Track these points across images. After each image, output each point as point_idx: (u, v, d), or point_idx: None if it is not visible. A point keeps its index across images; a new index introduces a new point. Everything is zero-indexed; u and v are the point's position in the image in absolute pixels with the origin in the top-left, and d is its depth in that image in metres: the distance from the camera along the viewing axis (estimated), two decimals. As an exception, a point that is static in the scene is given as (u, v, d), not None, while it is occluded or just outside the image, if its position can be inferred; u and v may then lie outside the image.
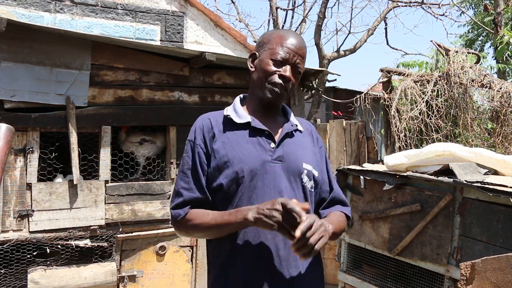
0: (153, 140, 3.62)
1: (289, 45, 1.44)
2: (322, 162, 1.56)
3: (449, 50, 4.25)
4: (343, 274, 3.15)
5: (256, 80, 1.49)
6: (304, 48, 1.48)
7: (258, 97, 1.48)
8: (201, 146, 1.43)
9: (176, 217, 1.41)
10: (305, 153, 1.49)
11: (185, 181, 1.42)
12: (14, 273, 3.07)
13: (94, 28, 4.21)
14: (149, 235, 3.46)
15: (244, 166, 1.37)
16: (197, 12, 4.68)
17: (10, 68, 2.99)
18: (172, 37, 4.54)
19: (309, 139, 1.56)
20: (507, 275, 1.34)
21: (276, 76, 1.44)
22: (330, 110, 8.83)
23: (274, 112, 1.53)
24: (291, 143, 1.47)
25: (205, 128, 1.45)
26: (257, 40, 1.58)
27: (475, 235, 2.33)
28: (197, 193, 1.40)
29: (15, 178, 3.03)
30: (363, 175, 3.02)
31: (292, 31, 1.51)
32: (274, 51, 1.44)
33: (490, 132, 4.22)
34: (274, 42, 1.46)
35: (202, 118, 1.49)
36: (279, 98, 1.46)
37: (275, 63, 1.44)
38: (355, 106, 4.87)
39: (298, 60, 1.45)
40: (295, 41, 1.45)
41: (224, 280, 1.39)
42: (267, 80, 1.45)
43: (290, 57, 1.44)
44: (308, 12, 9.05)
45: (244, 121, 1.45)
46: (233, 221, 1.31)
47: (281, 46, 1.44)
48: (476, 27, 10.88)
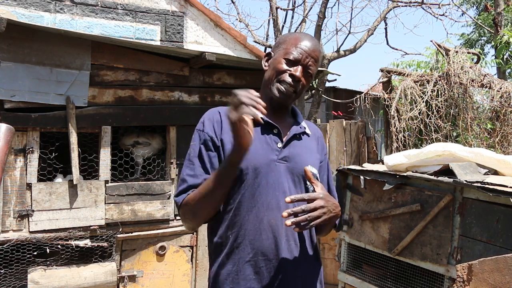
0: (148, 142, 3.60)
1: (303, 46, 1.45)
2: (324, 171, 1.57)
3: (449, 50, 4.25)
4: (343, 274, 3.15)
5: (267, 78, 1.51)
6: (318, 51, 1.49)
7: (268, 97, 1.49)
8: (209, 134, 1.44)
9: (179, 202, 1.41)
10: (311, 156, 1.50)
11: (190, 168, 1.43)
12: (14, 273, 3.07)
13: (94, 28, 4.21)
14: (149, 235, 3.46)
15: (249, 163, 1.37)
16: (197, 12, 4.68)
17: (10, 68, 2.99)
18: (172, 37, 4.54)
19: (315, 144, 1.57)
20: (505, 276, 1.34)
21: (287, 74, 1.45)
22: (330, 110, 8.84)
23: (284, 112, 1.54)
24: (298, 145, 1.48)
25: (215, 119, 1.47)
26: (276, 40, 1.61)
27: (475, 235, 2.33)
28: (202, 178, 1.40)
29: (15, 178, 3.03)
30: (363, 175, 3.02)
31: (309, 35, 1.52)
32: (288, 50, 1.46)
33: (490, 132, 4.21)
34: (289, 42, 1.48)
35: (212, 110, 1.52)
36: (287, 98, 1.47)
37: (288, 63, 1.45)
38: (355, 106, 4.87)
39: (310, 62, 1.46)
40: (310, 43, 1.47)
41: (223, 276, 1.39)
42: (277, 77, 1.46)
43: (302, 58, 1.45)
44: (308, 12, 9.05)
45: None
46: (222, 166, 1.32)
47: (295, 47, 1.46)
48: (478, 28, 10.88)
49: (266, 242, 1.36)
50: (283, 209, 1.39)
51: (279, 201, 1.39)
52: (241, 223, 1.38)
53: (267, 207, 1.38)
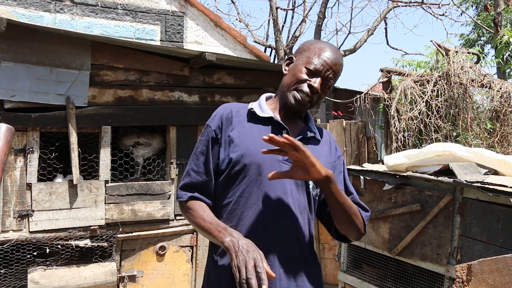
0: (148, 142, 3.60)
1: (326, 58, 1.45)
2: (338, 171, 1.55)
3: (449, 50, 4.25)
4: (343, 274, 3.15)
5: (285, 83, 1.50)
6: (340, 65, 1.48)
7: (283, 101, 1.50)
8: (216, 132, 1.46)
9: (179, 197, 1.48)
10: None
11: (195, 164, 1.48)
12: (14, 273, 3.07)
13: (94, 28, 4.21)
14: (149, 235, 3.46)
15: (254, 160, 1.39)
16: (197, 12, 4.68)
17: (10, 68, 2.99)
18: (172, 37, 4.54)
19: (327, 148, 1.56)
20: (504, 276, 1.33)
21: (305, 85, 1.45)
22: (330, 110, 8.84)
23: (295, 117, 1.55)
24: None
25: (225, 115, 1.48)
26: (299, 45, 1.60)
27: (475, 235, 2.33)
28: (204, 176, 1.45)
29: (15, 178, 3.03)
30: (363, 175, 3.02)
31: (333, 46, 1.51)
32: (310, 60, 1.45)
33: (490, 132, 4.21)
34: (312, 51, 1.47)
35: (224, 106, 1.53)
36: (301, 106, 1.47)
37: (308, 72, 1.45)
38: (355, 106, 4.87)
39: (330, 75, 1.46)
40: (333, 56, 1.46)
41: (220, 268, 1.39)
42: (295, 85, 1.46)
43: (324, 70, 1.44)
44: (308, 12, 9.06)
45: (266, 115, 1.47)
46: (215, 235, 1.32)
47: (318, 57, 1.45)
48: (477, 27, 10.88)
49: (265, 239, 1.36)
50: (283, 209, 1.39)
51: (280, 201, 1.39)
52: (240, 218, 1.39)
53: (267, 205, 1.38)
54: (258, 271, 1.17)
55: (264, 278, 1.16)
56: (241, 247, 1.23)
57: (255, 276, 1.16)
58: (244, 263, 1.19)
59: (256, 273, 1.17)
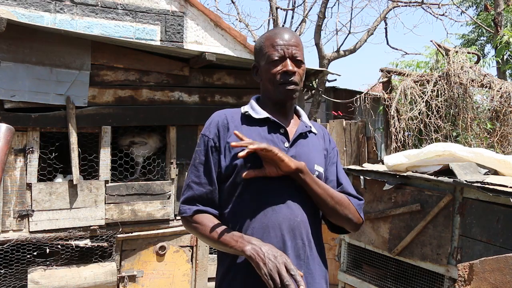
0: (144, 141, 3.60)
1: (279, 42, 1.45)
2: (332, 164, 1.56)
3: (449, 50, 4.25)
4: (343, 274, 3.15)
5: (266, 88, 1.51)
6: (294, 37, 1.48)
7: (272, 99, 1.50)
8: (214, 141, 1.44)
9: (183, 213, 1.44)
10: (317, 155, 1.50)
11: (195, 175, 1.44)
12: (14, 273, 3.07)
13: (94, 28, 4.21)
14: (149, 235, 3.46)
15: (257, 164, 1.38)
16: (197, 12, 4.68)
17: (10, 68, 2.99)
18: (172, 37, 4.54)
19: (322, 140, 1.57)
20: (505, 275, 1.34)
21: (282, 74, 1.45)
22: (330, 110, 8.84)
23: (288, 113, 1.54)
24: (305, 144, 1.48)
25: (220, 123, 1.47)
26: (254, 48, 1.59)
27: (475, 235, 2.33)
28: (207, 187, 1.42)
29: (15, 178, 3.03)
30: (363, 175, 3.02)
31: (278, 28, 1.52)
32: (269, 53, 1.46)
33: (490, 132, 4.22)
34: (265, 46, 1.48)
35: (217, 113, 1.51)
36: (292, 93, 1.47)
37: (274, 64, 1.45)
38: (355, 106, 4.87)
39: (293, 51, 1.45)
40: (284, 35, 1.47)
41: (233, 274, 1.39)
42: (274, 84, 1.46)
43: (285, 51, 1.45)
44: (308, 12, 9.06)
45: (262, 116, 1.47)
46: (232, 245, 1.31)
47: (272, 47, 1.46)
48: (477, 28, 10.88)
49: (274, 240, 1.36)
50: (290, 207, 1.39)
51: (286, 200, 1.39)
52: (248, 221, 1.38)
53: (274, 205, 1.38)
54: (292, 274, 1.19)
55: (300, 280, 1.18)
56: (266, 253, 1.23)
57: (292, 280, 1.17)
58: (276, 270, 1.19)
59: (290, 276, 1.18)
